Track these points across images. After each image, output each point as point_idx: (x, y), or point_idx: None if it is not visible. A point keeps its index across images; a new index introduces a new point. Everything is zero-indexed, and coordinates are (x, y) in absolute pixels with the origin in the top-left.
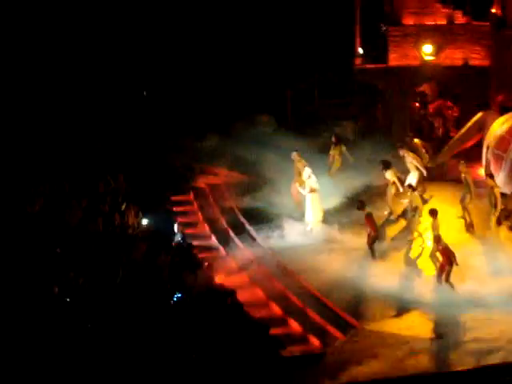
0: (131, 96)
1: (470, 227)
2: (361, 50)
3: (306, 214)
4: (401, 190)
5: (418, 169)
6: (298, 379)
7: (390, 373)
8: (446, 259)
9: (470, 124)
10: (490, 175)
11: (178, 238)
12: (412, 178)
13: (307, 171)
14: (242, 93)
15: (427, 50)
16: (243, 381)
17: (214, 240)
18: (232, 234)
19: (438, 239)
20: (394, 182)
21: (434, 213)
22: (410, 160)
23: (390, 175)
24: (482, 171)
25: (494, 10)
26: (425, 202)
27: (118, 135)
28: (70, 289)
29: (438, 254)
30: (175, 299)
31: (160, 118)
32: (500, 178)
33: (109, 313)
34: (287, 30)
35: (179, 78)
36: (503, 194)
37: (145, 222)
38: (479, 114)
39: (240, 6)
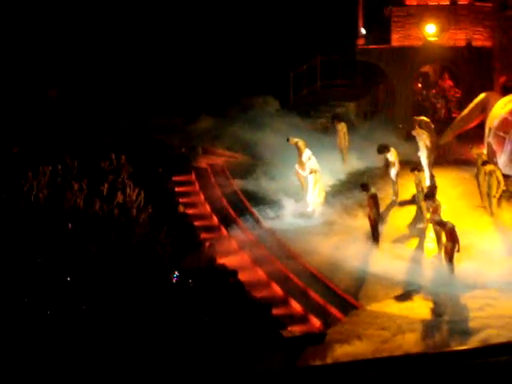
0: (131, 77)
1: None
2: (363, 31)
3: (308, 195)
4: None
5: (427, 148)
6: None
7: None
8: (451, 240)
9: (472, 105)
10: (487, 161)
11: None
12: (423, 159)
13: (307, 153)
14: (245, 74)
15: (430, 31)
16: (244, 361)
17: (215, 220)
18: (233, 214)
19: (440, 222)
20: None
21: (431, 195)
22: (424, 138)
23: (391, 156)
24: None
25: None
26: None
27: (119, 115)
28: (70, 269)
29: (443, 236)
30: (176, 278)
31: (160, 98)
32: (502, 159)
33: (111, 292)
34: (290, 11)
35: (180, 60)
36: (505, 176)
37: (147, 201)
38: (482, 95)
39: None
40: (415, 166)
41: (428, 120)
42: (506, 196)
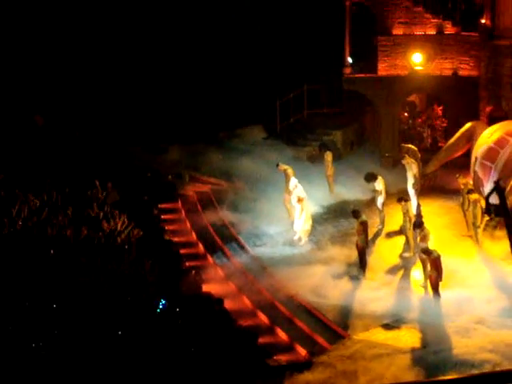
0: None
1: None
2: (350, 60)
3: (295, 223)
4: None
5: (415, 177)
6: None
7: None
8: (435, 270)
9: (458, 134)
10: (472, 190)
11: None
12: (410, 187)
13: (293, 181)
14: (233, 103)
15: (416, 60)
16: None
17: (201, 248)
18: (220, 242)
19: (426, 251)
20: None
21: (420, 224)
22: (413, 168)
23: (378, 185)
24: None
25: (483, 21)
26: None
27: (105, 142)
28: (55, 296)
29: (428, 265)
30: (161, 307)
31: (148, 126)
32: (487, 189)
33: (95, 319)
34: (277, 40)
35: (168, 89)
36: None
37: (133, 229)
38: (468, 125)
39: (230, 14)
40: (402, 196)
41: (415, 148)
42: (492, 225)
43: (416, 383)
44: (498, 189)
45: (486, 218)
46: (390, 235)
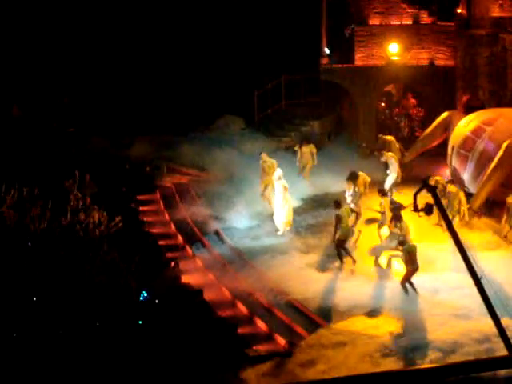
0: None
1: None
2: (327, 50)
3: (275, 214)
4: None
5: (397, 171)
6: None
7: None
8: (410, 263)
9: (435, 124)
10: (452, 181)
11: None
12: (390, 180)
13: (278, 171)
14: (211, 94)
15: (393, 50)
16: (209, 379)
17: (180, 239)
18: (198, 233)
19: (403, 242)
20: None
21: (398, 216)
22: (393, 162)
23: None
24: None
25: (459, 11)
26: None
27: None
28: (36, 289)
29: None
30: (142, 298)
31: (126, 117)
32: (465, 178)
33: (75, 312)
34: (254, 31)
35: (146, 80)
36: (468, 194)
37: (111, 221)
38: (444, 114)
39: (208, 6)
40: (381, 188)
41: (393, 139)
42: (470, 214)
43: (387, 373)
44: (429, 186)
45: (465, 206)
46: (369, 225)
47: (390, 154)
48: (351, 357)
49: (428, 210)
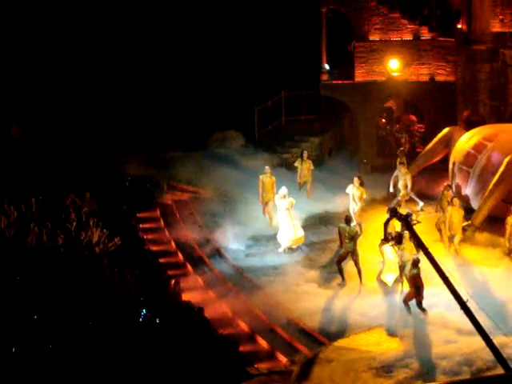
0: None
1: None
2: (327, 66)
3: (280, 232)
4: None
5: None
6: None
7: None
8: (413, 287)
9: (436, 140)
10: (454, 197)
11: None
12: (400, 196)
13: (283, 190)
14: (211, 110)
15: (393, 66)
16: None
17: (180, 257)
18: (198, 251)
19: (416, 262)
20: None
21: (400, 239)
22: (407, 178)
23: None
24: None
25: (459, 26)
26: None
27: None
28: (34, 308)
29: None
30: (142, 316)
31: (126, 134)
32: (467, 194)
33: (76, 330)
34: (255, 47)
35: (147, 96)
36: (469, 210)
37: (111, 239)
38: (445, 130)
39: (208, 23)
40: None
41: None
42: (471, 230)
43: None
44: (399, 216)
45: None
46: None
47: (405, 169)
48: (351, 373)
49: (398, 239)
